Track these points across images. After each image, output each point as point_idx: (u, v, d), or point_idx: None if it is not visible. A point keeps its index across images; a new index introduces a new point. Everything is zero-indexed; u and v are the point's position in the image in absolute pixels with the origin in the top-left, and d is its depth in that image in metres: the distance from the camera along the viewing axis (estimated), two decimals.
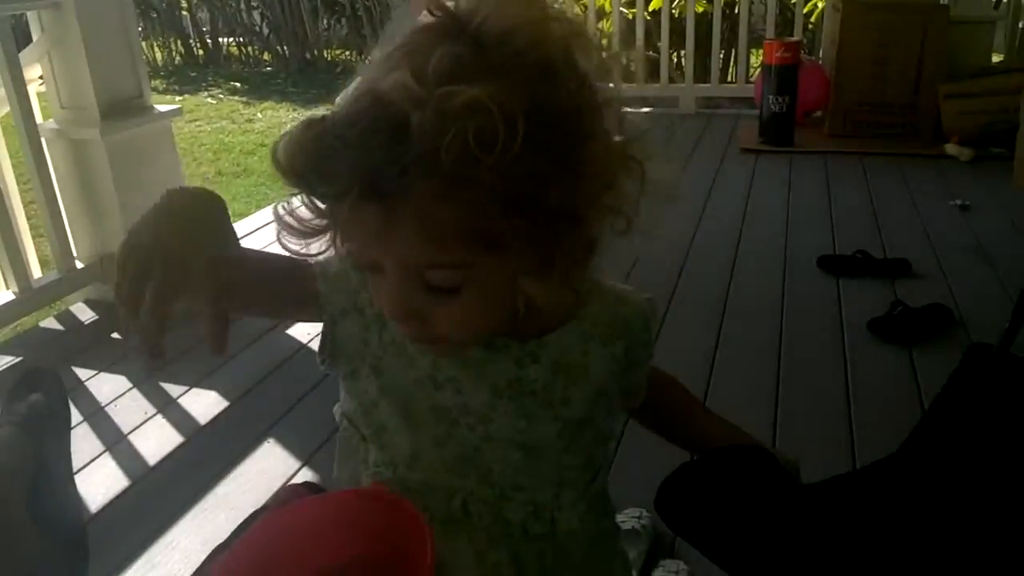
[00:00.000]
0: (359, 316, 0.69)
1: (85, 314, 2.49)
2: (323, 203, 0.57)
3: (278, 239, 0.60)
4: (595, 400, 0.71)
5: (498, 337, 0.67)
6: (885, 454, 1.24)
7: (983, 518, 0.94)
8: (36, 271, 2.58)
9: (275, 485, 1.62)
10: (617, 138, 0.58)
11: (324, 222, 0.58)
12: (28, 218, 2.69)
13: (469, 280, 0.57)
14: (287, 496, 0.82)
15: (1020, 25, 4.71)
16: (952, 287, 2.36)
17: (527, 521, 0.71)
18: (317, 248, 0.60)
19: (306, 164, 0.53)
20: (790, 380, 1.92)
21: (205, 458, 1.73)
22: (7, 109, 2.36)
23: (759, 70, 4.47)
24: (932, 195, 3.19)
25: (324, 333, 0.71)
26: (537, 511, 0.71)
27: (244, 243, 2.52)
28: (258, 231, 3.13)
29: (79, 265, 2.48)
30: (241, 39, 10.42)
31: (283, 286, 0.72)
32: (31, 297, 2.35)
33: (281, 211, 0.59)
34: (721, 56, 6.00)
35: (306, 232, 0.58)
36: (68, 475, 1.06)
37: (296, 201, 0.58)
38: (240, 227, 3.23)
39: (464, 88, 0.49)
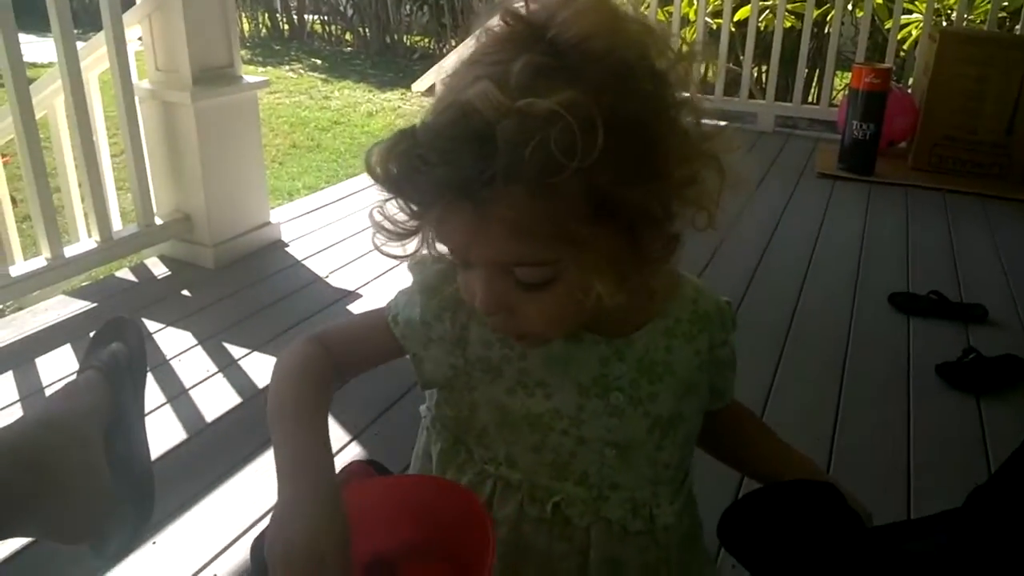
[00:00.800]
0: (439, 345, 0.72)
1: (158, 268, 2.58)
2: (416, 209, 0.59)
3: (373, 242, 0.63)
4: (683, 396, 0.73)
5: (585, 333, 0.69)
6: (942, 502, 1.20)
7: None
8: (117, 223, 2.68)
9: None
10: (696, 135, 0.59)
11: (417, 223, 0.60)
12: (113, 171, 2.79)
13: (555, 276, 0.59)
14: (352, 472, 0.83)
15: None
16: None
17: (626, 519, 0.72)
18: (412, 247, 0.63)
19: (398, 175, 0.56)
20: (848, 416, 1.87)
21: (261, 421, 1.76)
22: (106, 66, 2.45)
23: (844, 93, 4.35)
24: (1016, 241, 3.07)
25: (415, 369, 0.75)
26: (635, 509, 0.73)
27: (316, 216, 2.55)
28: (330, 205, 3.19)
29: (158, 221, 2.57)
30: (326, 17, 10.62)
31: (372, 351, 0.78)
32: (111, 248, 2.44)
33: (377, 216, 0.61)
34: (805, 75, 5.88)
35: (400, 234, 0.61)
36: (141, 422, 1.10)
37: (390, 206, 0.61)
38: (312, 201, 3.29)
39: (544, 97, 0.51)
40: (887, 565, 0.83)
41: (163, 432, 1.72)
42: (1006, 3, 5.01)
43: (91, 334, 1.17)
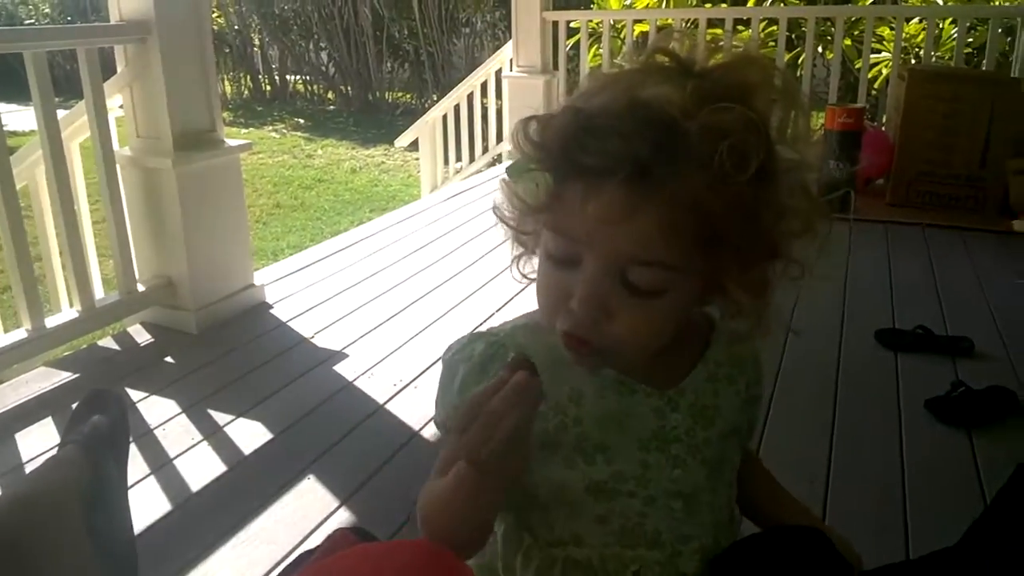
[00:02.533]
0: None
1: (141, 336, 2.55)
2: (561, 182, 0.61)
3: (494, 212, 0.68)
4: (728, 438, 0.75)
5: (637, 385, 0.70)
6: (940, 539, 1.18)
7: None
8: (99, 291, 2.67)
9: (313, 523, 1.62)
10: (802, 195, 0.65)
11: (546, 202, 0.63)
12: (94, 238, 2.78)
13: (669, 287, 0.61)
14: (336, 541, 0.82)
15: None
16: (1017, 370, 2.27)
17: (700, 571, 0.73)
18: (530, 226, 0.67)
19: (578, 142, 0.58)
20: (840, 455, 1.85)
21: (246, 489, 1.74)
22: (87, 134, 2.47)
23: (819, 134, 4.44)
24: (998, 272, 3.10)
25: None
26: (704, 558, 0.73)
27: (301, 276, 2.54)
28: (315, 264, 3.19)
29: (140, 288, 2.55)
30: (307, 77, 10.81)
31: None
32: (93, 316, 2.42)
33: (507, 187, 0.66)
34: None
35: (530, 209, 0.65)
36: (124, 496, 1.08)
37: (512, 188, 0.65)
38: (296, 261, 3.29)
39: (733, 106, 0.57)
40: None
41: (148, 504, 1.68)
42: (971, 39, 5.17)
43: (73, 407, 1.15)
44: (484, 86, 5.28)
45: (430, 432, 1.94)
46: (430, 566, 0.70)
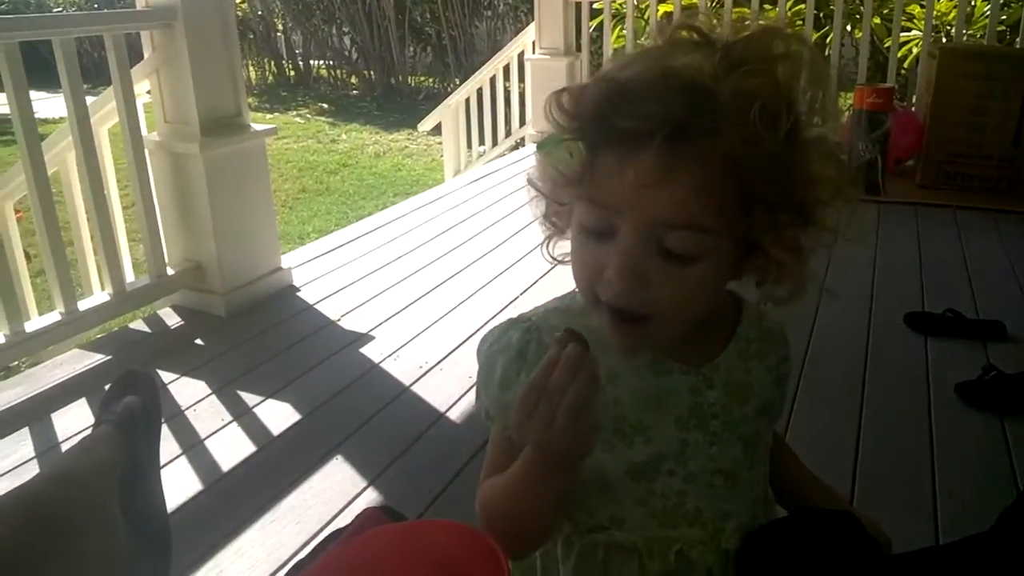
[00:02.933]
0: None
1: (172, 319, 2.59)
2: (596, 151, 0.62)
3: (528, 180, 0.69)
4: (761, 413, 0.75)
5: (673, 364, 0.70)
6: (969, 525, 1.17)
7: None
8: (130, 275, 2.71)
9: (341, 502, 1.64)
10: (835, 162, 0.65)
11: (581, 172, 0.63)
12: (124, 223, 2.82)
13: (705, 252, 0.61)
14: (365, 519, 0.83)
15: None
16: None
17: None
18: (565, 198, 0.67)
19: (613, 107, 0.59)
20: (870, 440, 1.84)
21: (275, 469, 1.77)
22: (116, 120, 2.50)
23: (848, 114, 4.37)
24: None
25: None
26: (744, 536, 0.74)
27: (327, 260, 2.56)
28: (340, 248, 3.21)
29: (170, 272, 2.59)
30: (331, 62, 10.81)
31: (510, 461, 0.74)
32: (124, 299, 2.46)
33: (541, 160, 0.66)
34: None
35: (564, 180, 0.65)
36: (156, 474, 1.10)
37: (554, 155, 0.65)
38: (322, 244, 3.32)
39: (762, 71, 0.58)
40: None
41: (180, 483, 1.71)
42: (1004, 16, 5.04)
43: (106, 387, 1.18)
44: (507, 69, 5.25)
45: (456, 414, 1.95)
46: (467, 546, 0.71)
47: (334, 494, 1.67)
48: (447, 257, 3.15)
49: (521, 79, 5.25)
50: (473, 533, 0.72)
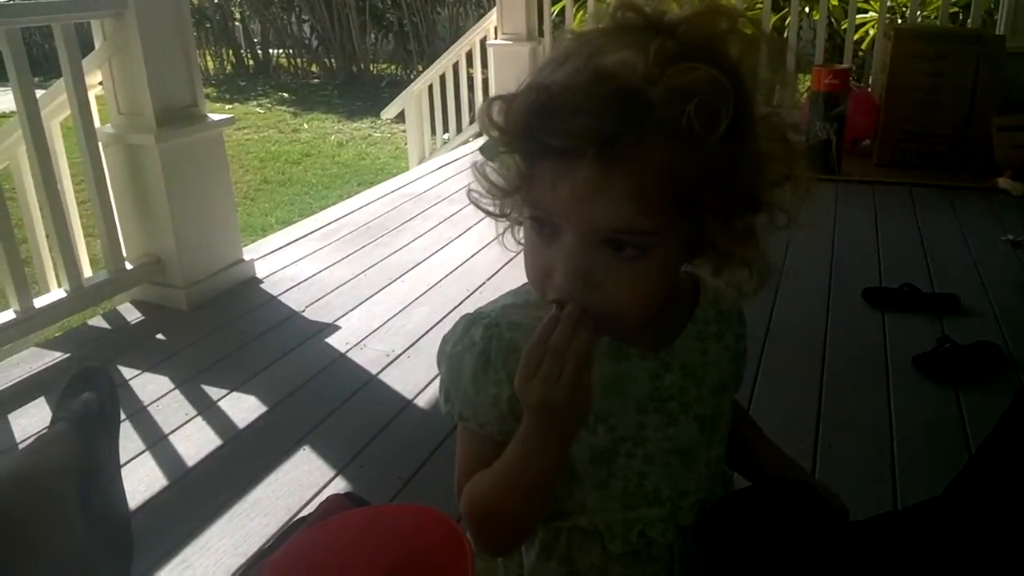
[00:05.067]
0: (499, 416, 0.71)
1: (132, 314, 2.55)
2: (531, 162, 0.61)
3: (469, 197, 0.67)
4: (720, 392, 0.76)
5: (631, 349, 0.71)
6: (927, 492, 1.20)
7: None
8: (87, 270, 2.65)
9: (308, 494, 1.63)
10: (780, 142, 0.64)
11: (519, 182, 0.63)
12: (80, 218, 2.76)
13: (650, 249, 0.60)
14: (329, 506, 0.83)
15: None
16: (1002, 325, 2.30)
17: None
18: (508, 207, 0.67)
19: (541, 123, 0.58)
20: (831, 413, 1.88)
21: (242, 462, 1.76)
22: (67, 112, 2.44)
23: (806, 95, 4.43)
24: (983, 229, 3.12)
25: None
26: (703, 510, 0.75)
27: (290, 251, 2.53)
28: (304, 238, 3.18)
29: (128, 266, 2.54)
30: (291, 51, 10.65)
31: (492, 457, 0.72)
32: (81, 296, 2.41)
33: (478, 172, 0.66)
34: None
35: (503, 192, 0.65)
36: (116, 472, 1.08)
37: (488, 167, 0.65)
38: (285, 235, 3.28)
39: (698, 66, 0.56)
40: (865, 559, 0.83)
41: (144, 480, 1.69)
42: None
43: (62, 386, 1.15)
44: (469, 55, 5.22)
45: (423, 401, 1.95)
46: (429, 529, 0.71)
47: (302, 485, 1.66)
48: (412, 245, 3.14)
49: (484, 65, 5.23)
50: (435, 515, 0.73)
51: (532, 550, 0.76)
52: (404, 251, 3.07)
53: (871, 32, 5.37)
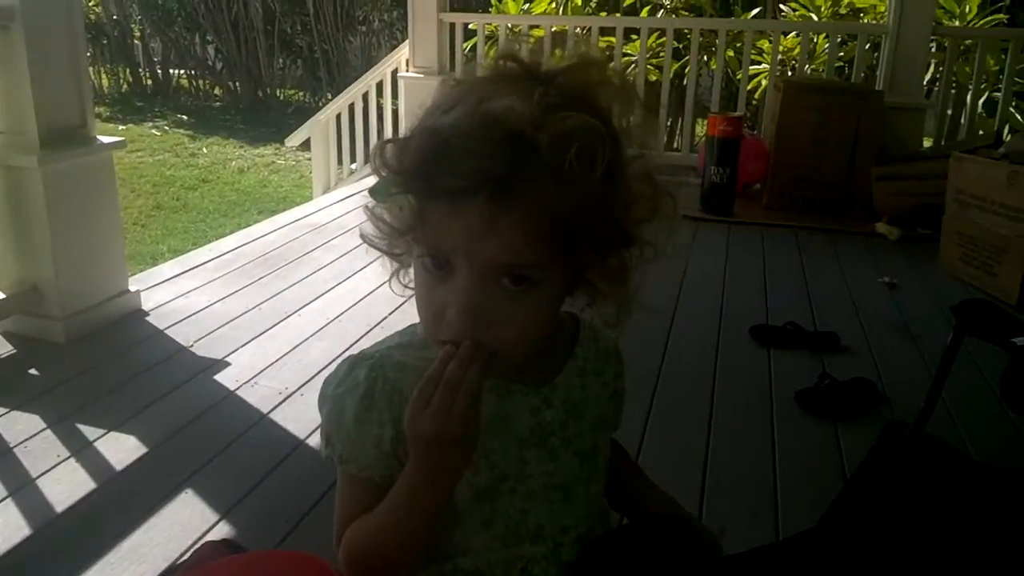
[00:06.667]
0: (382, 458, 0.71)
1: (2, 347, 2.38)
2: (425, 202, 0.63)
3: (362, 237, 0.69)
4: (598, 428, 0.79)
5: (514, 386, 0.72)
6: (808, 521, 1.26)
7: None
8: None
9: (191, 538, 1.55)
10: (648, 182, 0.69)
11: (412, 222, 0.65)
12: None
13: (540, 284, 0.64)
14: (205, 554, 0.79)
15: (949, 113, 5.02)
16: (878, 362, 2.44)
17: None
18: (401, 247, 0.69)
19: (435, 165, 0.61)
20: (719, 448, 1.94)
21: (117, 507, 1.65)
22: None
23: (703, 141, 4.64)
24: (862, 271, 3.33)
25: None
26: (583, 545, 0.76)
27: (180, 282, 2.43)
28: (197, 268, 3.06)
29: (1, 295, 2.38)
30: (193, 72, 10.36)
31: (373, 501, 0.72)
32: None
33: (371, 213, 0.68)
34: (668, 125, 6.22)
35: (396, 232, 0.67)
36: None
37: (379, 209, 0.67)
38: (175, 265, 3.15)
39: (577, 114, 0.61)
40: None
41: (7, 528, 1.57)
42: (842, 53, 5.53)
43: None
44: (380, 86, 5.21)
45: (316, 440, 1.88)
46: (303, 573, 0.69)
47: (182, 531, 1.58)
48: (311, 278, 3.07)
49: (395, 96, 5.23)
50: (311, 561, 0.71)
51: None
52: (303, 284, 3.00)
53: (764, 82, 5.70)
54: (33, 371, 2.25)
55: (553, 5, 6.43)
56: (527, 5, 6.49)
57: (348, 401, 0.71)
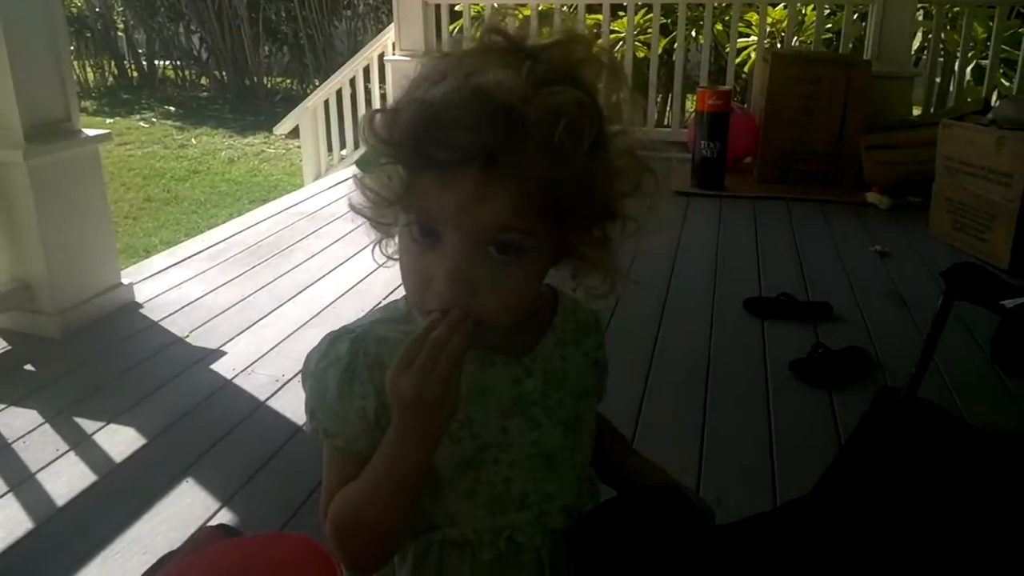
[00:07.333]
0: (366, 430, 0.71)
1: None
2: (414, 173, 0.64)
3: (351, 208, 0.70)
4: (581, 398, 0.79)
5: (496, 356, 0.73)
6: (804, 488, 1.28)
7: (891, 558, 0.98)
8: None
9: (192, 527, 1.56)
10: (631, 156, 0.70)
11: (402, 192, 0.65)
12: None
13: (527, 252, 0.65)
14: (203, 539, 0.80)
15: (937, 81, 5.01)
16: (870, 330, 2.46)
17: (568, 525, 0.77)
18: (389, 217, 0.69)
19: (428, 137, 0.61)
20: (715, 418, 1.96)
21: (118, 498, 1.66)
22: None
23: (693, 116, 4.63)
24: (853, 241, 3.34)
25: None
26: (569, 513, 0.77)
27: (173, 273, 2.42)
28: (189, 260, 3.06)
29: None
30: (178, 62, 10.27)
31: (355, 471, 0.72)
32: None
33: (360, 184, 0.68)
34: (658, 101, 6.20)
35: (385, 201, 0.67)
36: None
37: (370, 179, 0.68)
38: (168, 257, 3.14)
39: (566, 88, 0.62)
40: (735, 560, 0.87)
41: (8, 522, 1.58)
42: (830, 24, 5.50)
43: None
44: (367, 70, 5.18)
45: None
46: (301, 555, 0.70)
47: (184, 519, 1.59)
48: (305, 265, 3.07)
49: (382, 80, 5.19)
50: (300, 539, 0.72)
51: (405, 567, 0.75)
52: (296, 271, 2.99)
53: (752, 55, 5.67)
54: (29, 367, 2.25)
55: None
56: None
57: (330, 375, 0.72)
